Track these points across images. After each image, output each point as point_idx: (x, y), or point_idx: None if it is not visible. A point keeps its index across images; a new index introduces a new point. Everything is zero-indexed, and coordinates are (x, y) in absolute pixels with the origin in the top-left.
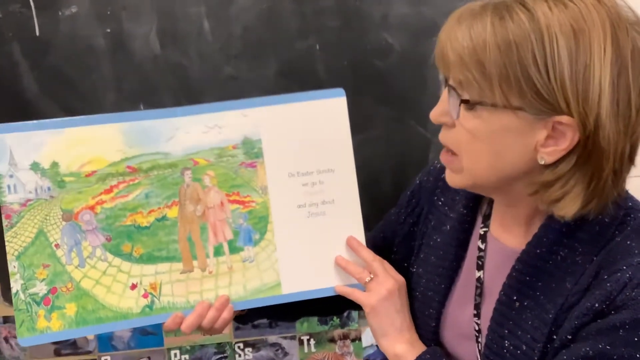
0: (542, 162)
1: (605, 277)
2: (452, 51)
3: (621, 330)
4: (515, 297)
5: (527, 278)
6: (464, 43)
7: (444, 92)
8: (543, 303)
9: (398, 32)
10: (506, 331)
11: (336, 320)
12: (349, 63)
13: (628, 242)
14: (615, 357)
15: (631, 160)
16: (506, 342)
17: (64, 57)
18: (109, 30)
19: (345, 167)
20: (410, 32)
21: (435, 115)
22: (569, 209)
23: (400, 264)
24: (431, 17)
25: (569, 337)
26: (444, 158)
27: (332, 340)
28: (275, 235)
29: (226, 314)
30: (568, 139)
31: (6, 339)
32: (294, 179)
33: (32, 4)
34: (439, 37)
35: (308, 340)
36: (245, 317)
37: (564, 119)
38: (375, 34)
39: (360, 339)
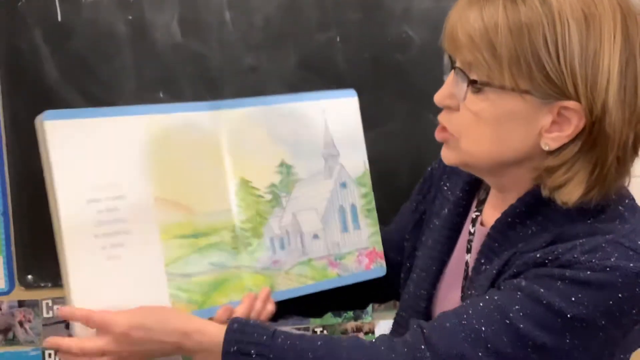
0: (546, 148)
1: (558, 244)
2: (462, 32)
3: (559, 282)
4: (483, 263)
5: (496, 244)
6: (476, 25)
7: (450, 75)
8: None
9: (419, 26)
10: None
11: (349, 313)
12: (369, 55)
13: (596, 225)
14: (544, 301)
15: (635, 150)
16: None
17: (85, 43)
18: (130, 18)
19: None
20: (431, 26)
21: (440, 97)
22: (572, 194)
23: (411, 251)
24: None
25: (509, 276)
26: (439, 135)
27: (345, 333)
28: None
29: (270, 307)
30: (573, 125)
31: (21, 323)
32: None
33: None
34: (449, 19)
35: (321, 332)
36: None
37: (571, 104)
38: (396, 27)
39: (373, 332)
